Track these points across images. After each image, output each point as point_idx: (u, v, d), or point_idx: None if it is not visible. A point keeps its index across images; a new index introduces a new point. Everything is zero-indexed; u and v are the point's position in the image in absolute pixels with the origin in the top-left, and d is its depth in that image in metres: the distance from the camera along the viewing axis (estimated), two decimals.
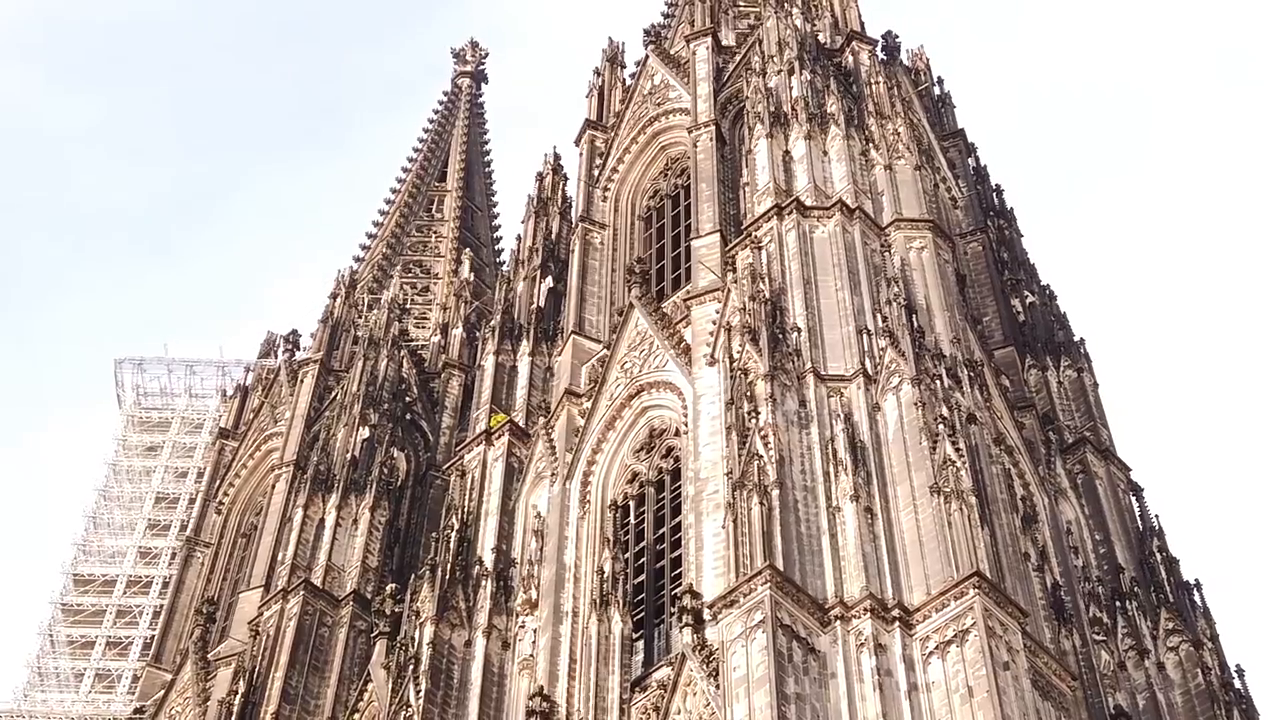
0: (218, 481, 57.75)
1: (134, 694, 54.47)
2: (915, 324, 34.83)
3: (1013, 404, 39.57)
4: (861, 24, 50.27)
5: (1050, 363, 43.85)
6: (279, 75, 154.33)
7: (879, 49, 49.58)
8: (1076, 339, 45.46)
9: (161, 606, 57.72)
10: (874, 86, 44.76)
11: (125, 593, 66.06)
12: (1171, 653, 35.96)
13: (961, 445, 31.34)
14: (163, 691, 47.54)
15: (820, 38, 48.04)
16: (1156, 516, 40.05)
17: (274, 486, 52.89)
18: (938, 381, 33.16)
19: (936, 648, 27.98)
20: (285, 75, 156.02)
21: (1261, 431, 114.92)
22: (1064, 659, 32.06)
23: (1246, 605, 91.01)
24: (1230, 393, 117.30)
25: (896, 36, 53.52)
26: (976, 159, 52.21)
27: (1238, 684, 36.17)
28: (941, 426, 31.67)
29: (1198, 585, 38.35)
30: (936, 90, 54.14)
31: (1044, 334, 44.95)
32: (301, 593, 44.92)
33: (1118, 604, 36.31)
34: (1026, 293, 46.41)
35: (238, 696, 42.81)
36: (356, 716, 40.36)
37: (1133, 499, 40.74)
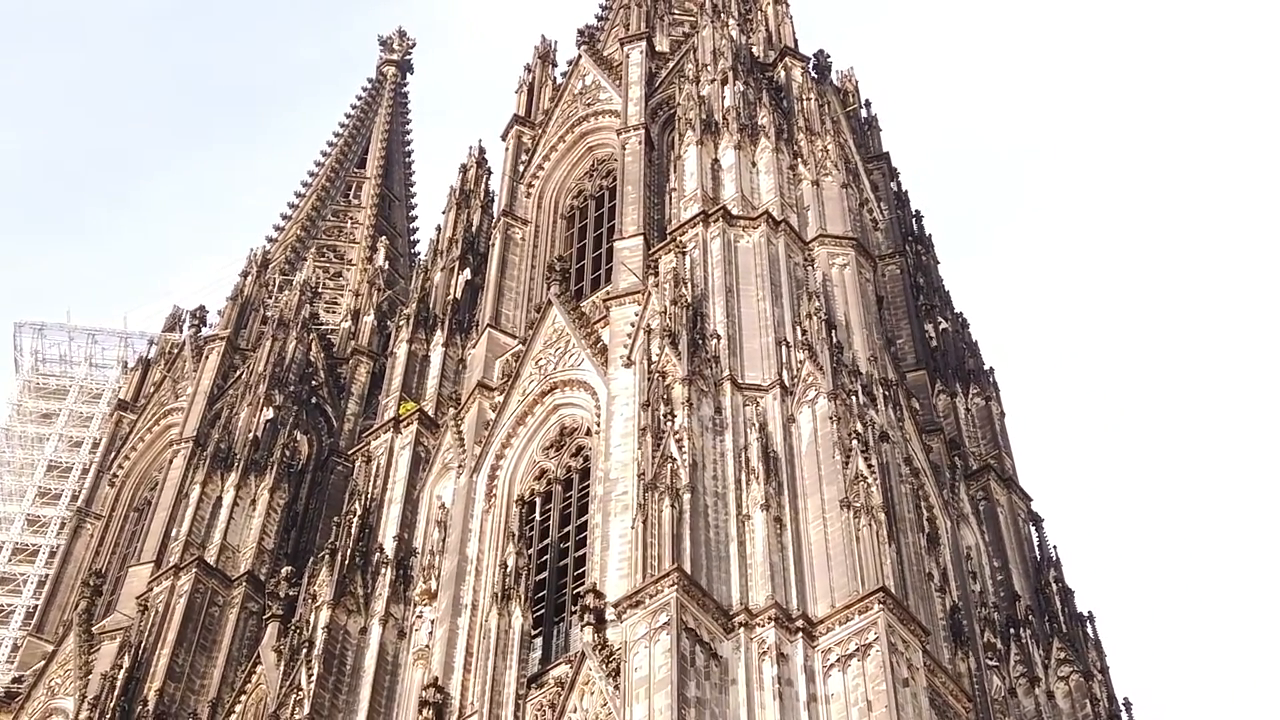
0: (113, 453, 56.98)
1: (13, 663, 53.39)
2: (834, 339, 34.95)
3: (922, 427, 39.85)
4: (795, 41, 50.52)
5: (959, 389, 44.28)
6: (206, 54, 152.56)
7: (811, 67, 49.82)
8: (986, 367, 46.00)
9: (47, 576, 56.79)
10: (805, 103, 44.99)
11: (10, 560, 64.65)
12: (1062, 682, 36.41)
13: (873, 462, 31.47)
14: (43, 662, 46.77)
15: (754, 51, 48.22)
16: (1054, 547, 40.59)
17: (171, 462, 52.30)
18: (853, 397, 33.29)
19: (838, 660, 28.03)
20: (212, 55, 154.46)
21: (1161, 472, 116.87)
22: (960, 680, 32.26)
23: (1139, 639, 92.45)
24: (1135, 430, 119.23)
25: (828, 56, 53.89)
26: (899, 183, 52.62)
27: (1125, 717, 36.71)
28: (855, 442, 31.78)
29: (1091, 617, 38.89)
30: (864, 113, 54.56)
31: (955, 360, 45.38)
32: (194, 570, 44.49)
33: (1012, 631, 36.70)
34: (940, 318, 46.84)
35: (121, 671, 42.21)
36: (243, 698, 39.92)
37: (1032, 529, 41.25)
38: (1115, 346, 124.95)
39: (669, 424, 32.15)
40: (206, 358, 56.73)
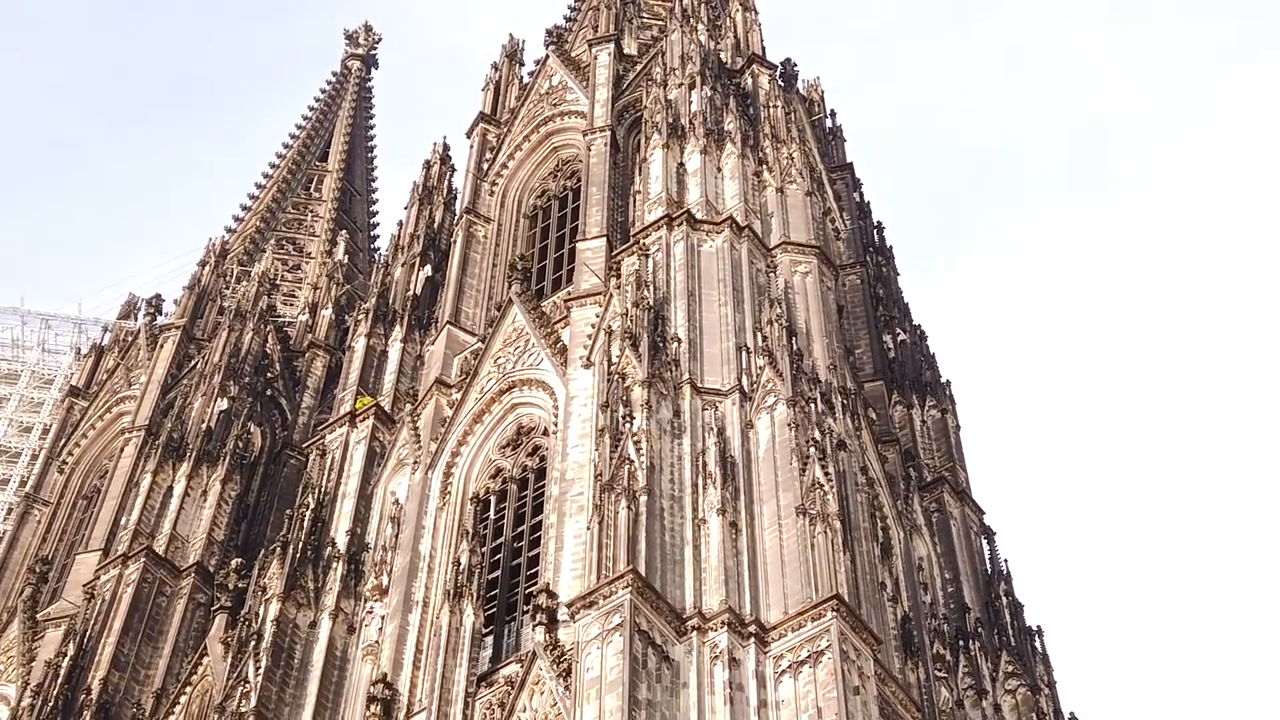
0: (63, 440, 56.49)
1: None
2: (794, 346, 34.96)
3: (878, 437, 39.92)
4: (763, 48, 50.52)
5: (916, 401, 44.45)
6: (170, 42, 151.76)
7: (778, 75, 49.87)
8: (943, 380, 46.17)
9: None
10: (772, 110, 45.02)
11: None
12: (1009, 695, 36.58)
13: (830, 470, 31.49)
14: None
15: (722, 57, 48.22)
16: (1006, 561, 40.80)
17: (122, 450, 51.91)
18: (812, 405, 33.31)
19: (790, 666, 28.02)
20: (176, 43, 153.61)
21: (1112, 490, 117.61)
22: (910, 690, 32.32)
23: (1086, 655, 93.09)
24: (1088, 447, 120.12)
25: (795, 65, 54.14)
26: (861, 194, 52.81)
27: None
28: (813, 449, 31.79)
29: (1039, 632, 39.10)
30: (829, 123, 54.73)
31: (912, 372, 45.55)
32: (142, 559, 44.17)
33: (961, 643, 36.82)
34: (899, 330, 47.04)
35: (66, 659, 41.85)
36: (189, 689, 39.61)
37: (984, 542, 41.44)
38: (1072, 363, 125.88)
39: (627, 426, 32.09)
40: (161, 346, 56.35)
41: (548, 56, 51.81)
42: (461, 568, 33.76)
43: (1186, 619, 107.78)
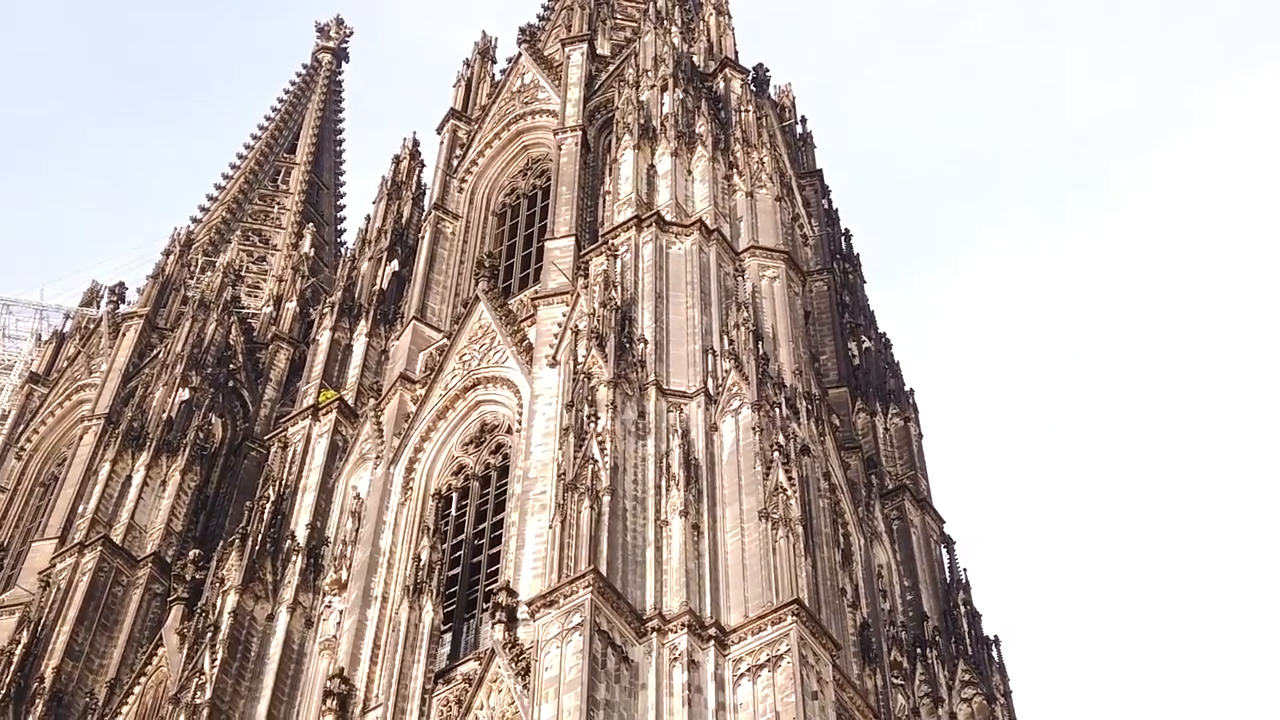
0: (22, 426, 56.26)
1: None
2: (761, 350, 34.98)
3: (840, 444, 39.99)
4: (736, 52, 50.57)
5: (879, 409, 44.50)
6: (139, 30, 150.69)
7: (750, 80, 49.92)
8: (907, 389, 46.24)
9: None
10: (743, 114, 45.06)
11: None
12: (965, 704, 36.68)
13: (794, 475, 31.50)
14: None
15: (695, 60, 48.25)
16: (965, 570, 40.88)
17: (81, 438, 51.73)
18: (777, 409, 33.34)
19: (748, 670, 28.05)
20: (145, 31, 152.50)
21: (1072, 502, 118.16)
22: (867, 696, 32.39)
23: (1042, 665, 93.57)
24: (1051, 457, 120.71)
25: (767, 70, 54.13)
26: (829, 201, 52.89)
27: None
28: (776, 454, 31.82)
29: (996, 641, 39.18)
30: (799, 129, 54.81)
31: (876, 380, 45.62)
32: (99, 548, 44.01)
33: (918, 651, 36.89)
34: (864, 338, 47.09)
35: (19, 646, 41.66)
36: (143, 680, 39.48)
37: (944, 550, 41.52)
38: (1036, 374, 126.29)
39: (592, 425, 32.05)
40: (123, 335, 56.14)
41: (520, 55, 51.78)
42: (422, 564, 33.64)
43: (1142, 631, 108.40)
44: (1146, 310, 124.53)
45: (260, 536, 37.36)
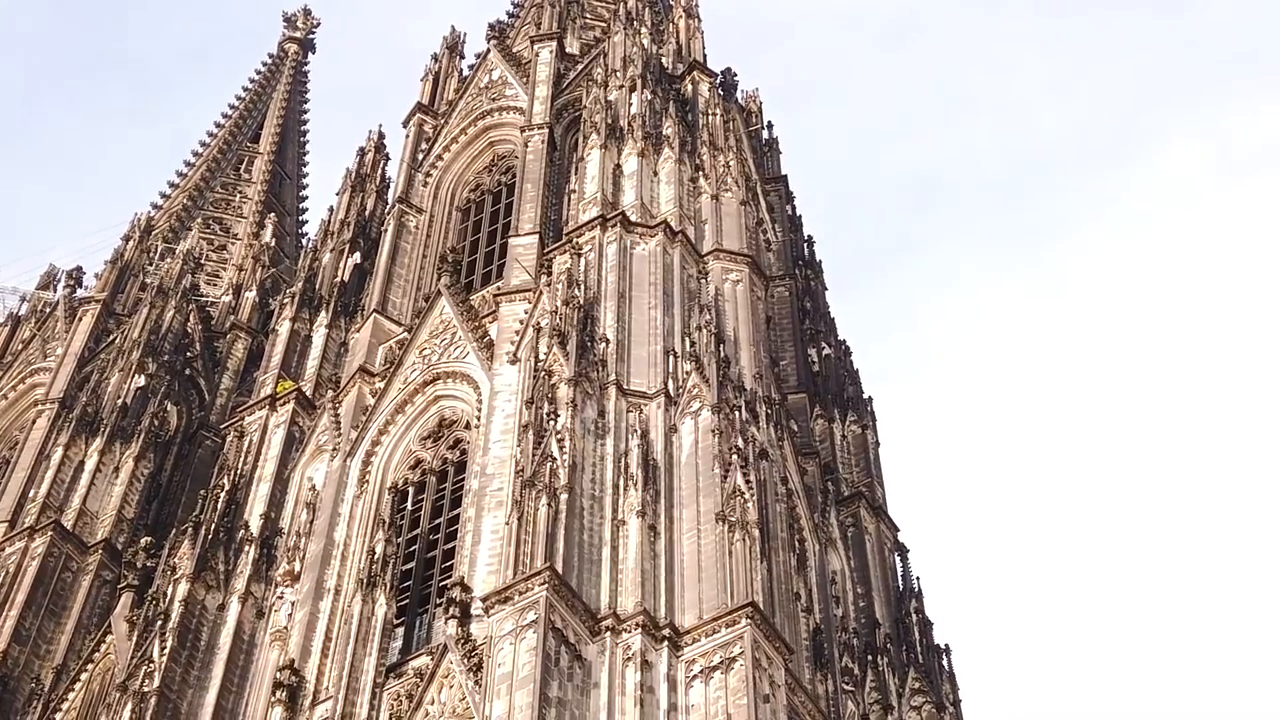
0: None
1: None
2: (722, 353, 35.01)
3: (798, 449, 40.13)
4: (704, 56, 50.67)
5: (838, 415, 44.74)
6: (103, 13, 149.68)
7: (718, 83, 50.01)
8: (865, 396, 46.46)
9: None
10: (711, 117, 45.13)
11: None
12: (914, 712, 36.85)
13: (752, 478, 31.56)
14: None
15: (664, 62, 48.31)
16: (918, 578, 41.08)
17: (34, 422, 51.15)
18: (737, 413, 33.40)
19: (701, 671, 28.09)
20: (108, 14, 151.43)
21: (1028, 515, 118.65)
22: (819, 702, 32.50)
23: (992, 675, 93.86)
24: (1007, 469, 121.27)
25: (735, 75, 54.38)
26: (793, 207, 53.06)
27: None
28: (735, 457, 31.87)
29: (947, 650, 39.43)
30: (766, 134, 54.97)
31: (835, 387, 45.84)
32: (50, 533, 43.63)
33: (870, 658, 37.04)
34: (824, 344, 47.30)
35: None
36: (90, 667, 39.17)
37: (897, 558, 41.71)
38: (993, 386, 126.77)
39: (551, 423, 32.02)
40: (80, 319, 55.62)
41: (489, 51, 51.69)
42: (376, 557, 33.50)
43: (1093, 641, 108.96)
44: (1106, 321, 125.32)
45: (213, 525, 37.16)
